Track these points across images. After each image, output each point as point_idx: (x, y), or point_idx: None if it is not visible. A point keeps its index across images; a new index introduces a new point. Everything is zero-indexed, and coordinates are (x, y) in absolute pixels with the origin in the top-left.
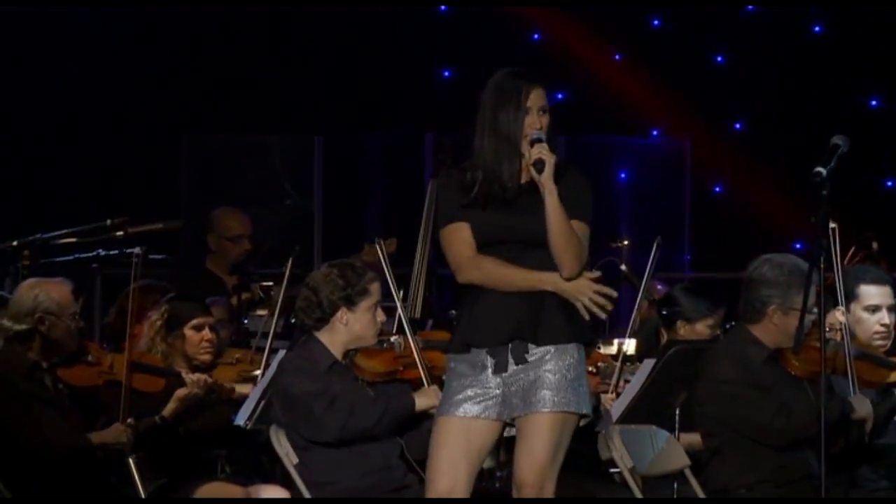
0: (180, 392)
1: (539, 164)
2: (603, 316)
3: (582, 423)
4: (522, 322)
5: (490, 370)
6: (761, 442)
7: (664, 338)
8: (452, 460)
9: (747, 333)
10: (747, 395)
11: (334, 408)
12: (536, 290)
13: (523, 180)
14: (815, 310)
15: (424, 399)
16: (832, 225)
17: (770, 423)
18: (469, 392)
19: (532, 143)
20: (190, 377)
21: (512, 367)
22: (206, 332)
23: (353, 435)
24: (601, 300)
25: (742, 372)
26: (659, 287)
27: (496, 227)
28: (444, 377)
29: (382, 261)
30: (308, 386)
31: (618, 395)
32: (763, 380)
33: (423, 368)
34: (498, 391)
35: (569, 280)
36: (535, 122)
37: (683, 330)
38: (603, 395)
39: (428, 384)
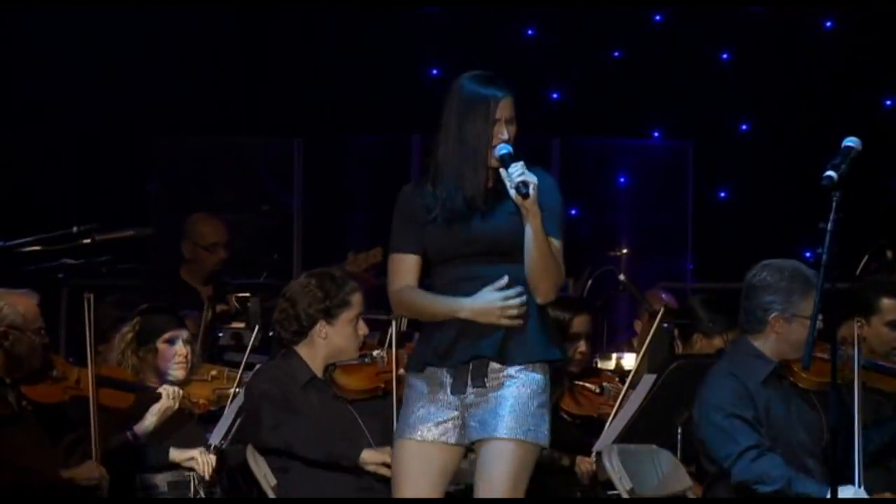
0: (154, 406)
1: (524, 188)
2: (520, 322)
3: (544, 452)
4: (487, 339)
5: (448, 390)
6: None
7: (679, 350)
8: (414, 488)
9: (749, 347)
10: (725, 426)
11: (279, 411)
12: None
13: (483, 193)
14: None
15: (374, 453)
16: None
17: (732, 462)
18: (426, 413)
19: (503, 160)
20: (164, 389)
21: (470, 389)
22: (180, 346)
23: (279, 445)
24: (513, 311)
25: (733, 396)
26: (664, 297)
27: (460, 241)
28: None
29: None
30: (271, 389)
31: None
32: (755, 406)
33: (396, 385)
34: (457, 413)
35: (544, 304)
36: (502, 132)
37: (700, 344)
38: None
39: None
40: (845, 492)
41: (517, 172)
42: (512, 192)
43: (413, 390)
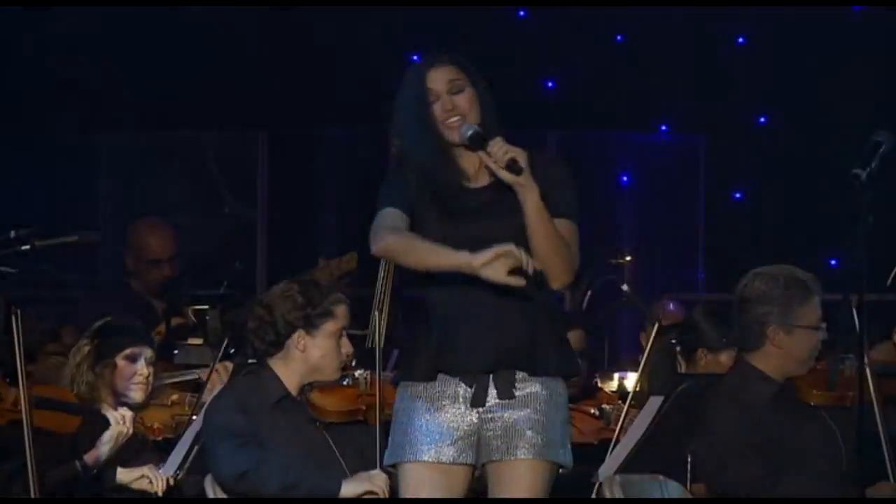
0: (106, 434)
1: (514, 165)
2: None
3: (561, 471)
4: (514, 346)
5: (465, 403)
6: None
7: (681, 368)
8: None
9: (749, 368)
10: (742, 456)
11: (243, 451)
12: (528, 310)
13: (472, 183)
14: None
15: (354, 485)
16: None
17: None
18: (437, 429)
19: (473, 140)
20: (111, 415)
21: (493, 402)
22: (142, 365)
23: (245, 491)
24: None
25: (743, 425)
26: (671, 307)
27: (460, 242)
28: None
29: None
30: (232, 421)
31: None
32: (767, 432)
33: (379, 411)
34: (474, 429)
35: (560, 288)
36: (446, 105)
37: (705, 361)
38: None
39: (384, 431)
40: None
41: (501, 150)
42: (501, 175)
43: (412, 403)
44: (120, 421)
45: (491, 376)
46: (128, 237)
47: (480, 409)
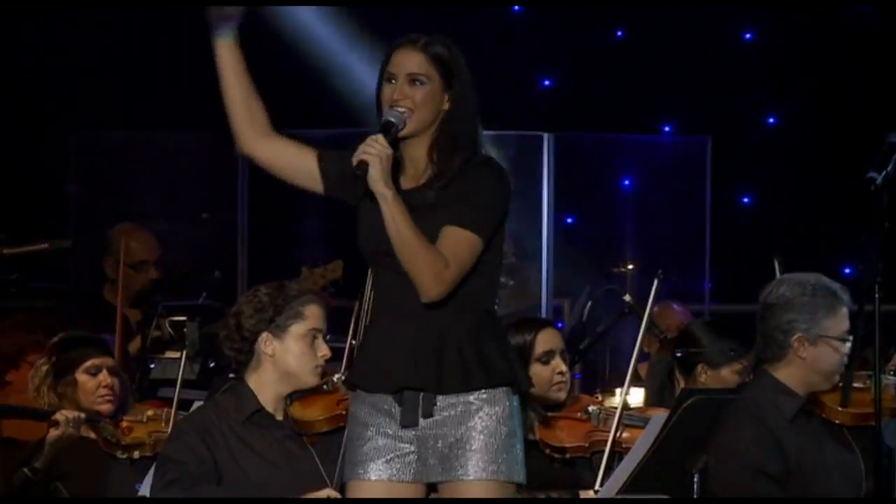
0: (51, 435)
1: (362, 168)
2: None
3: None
4: (421, 363)
5: (396, 421)
6: None
7: (680, 385)
8: None
9: (772, 381)
10: (749, 485)
11: (170, 489)
12: (446, 329)
13: (408, 182)
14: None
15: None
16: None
17: None
18: (374, 447)
19: (382, 129)
20: (61, 414)
21: (422, 420)
22: (104, 377)
23: None
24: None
25: (757, 447)
26: (675, 307)
27: (381, 238)
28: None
29: None
30: (181, 449)
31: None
32: (784, 455)
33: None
34: (412, 447)
35: (429, 303)
36: (394, 92)
37: (705, 376)
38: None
39: None
40: None
41: (360, 150)
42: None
43: (354, 418)
44: (70, 422)
45: (421, 395)
46: (108, 243)
47: (414, 428)
